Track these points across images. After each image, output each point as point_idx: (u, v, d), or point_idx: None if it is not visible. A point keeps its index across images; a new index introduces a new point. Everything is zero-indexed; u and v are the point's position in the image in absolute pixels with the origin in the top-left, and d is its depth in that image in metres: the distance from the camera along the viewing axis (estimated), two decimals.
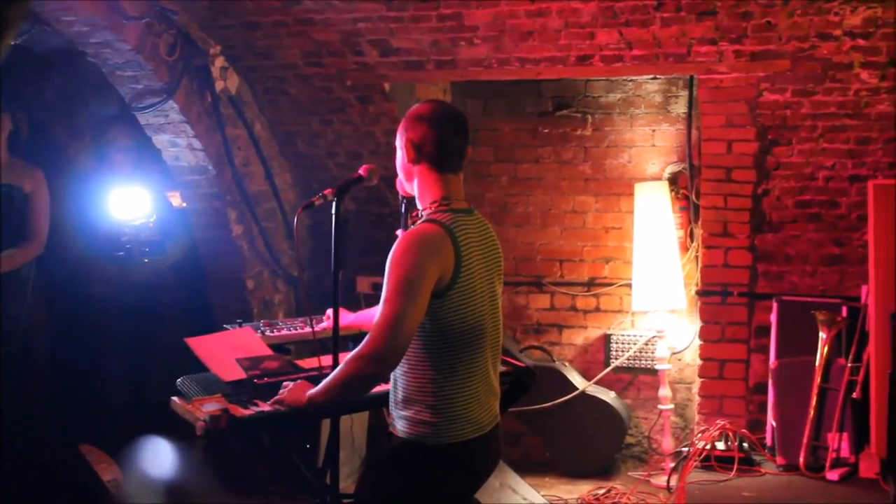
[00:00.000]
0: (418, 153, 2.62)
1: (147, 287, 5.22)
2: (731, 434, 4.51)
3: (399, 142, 2.68)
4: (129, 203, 5.12)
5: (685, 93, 5.36)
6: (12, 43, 1.48)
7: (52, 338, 5.01)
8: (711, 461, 4.42)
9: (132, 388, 5.21)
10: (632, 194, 5.38)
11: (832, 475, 4.25)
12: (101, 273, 5.16)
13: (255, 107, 5.25)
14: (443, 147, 2.61)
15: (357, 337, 3.03)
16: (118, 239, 5.15)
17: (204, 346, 3.29)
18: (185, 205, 5.16)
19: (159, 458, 4.44)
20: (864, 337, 4.44)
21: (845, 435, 4.36)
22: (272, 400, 2.80)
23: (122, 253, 5.16)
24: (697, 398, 5.06)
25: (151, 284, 5.25)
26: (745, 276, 4.93)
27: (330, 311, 3.39)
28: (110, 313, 5.17)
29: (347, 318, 3.31)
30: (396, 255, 2.48)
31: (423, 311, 2.46)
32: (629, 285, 5.36)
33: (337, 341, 2.85)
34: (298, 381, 2.75)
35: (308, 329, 3.67)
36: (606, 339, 5.56)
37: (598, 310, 5.60)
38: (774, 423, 4.57)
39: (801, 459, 4.36)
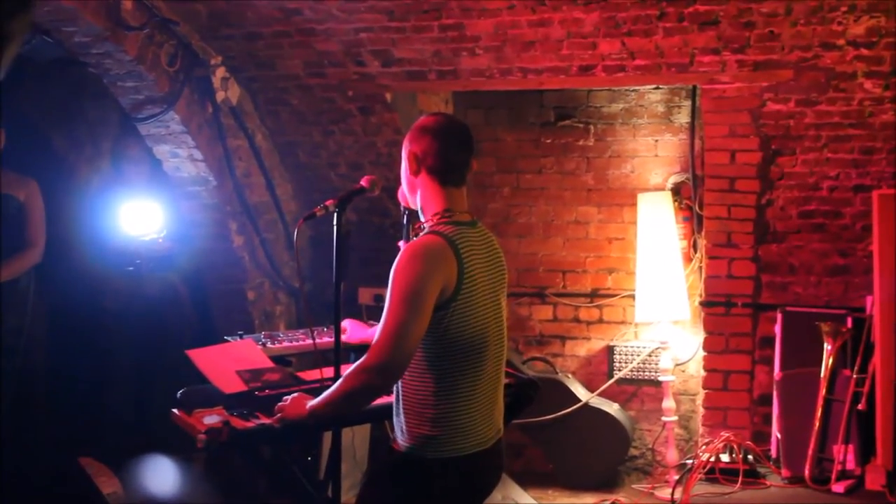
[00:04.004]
0: (421, 165, 2.61)
1: (156, 300, 5.20)
2: (735, 446, 4.49)
3: (403, 153, 2.67)
4: (140, 217, 5.10)
5: (688, 103, 5.34)
6: (16, 54, 1.46)
7: (55, 349, 4.98)
8: (716, 473, 4.40)
9: (136, 400, 5.19)
10: (635, 205, 5.36)
11: (838, 487, 4.22)
12: (111, 286, 5.14)
13: (257, 117, 5.24)
14: (445, 159, 2.60)
15: (361, 349, 3.00)
16: (129, 253, 5.13)
17: (205, 358, 3.27)
18: None
19: (159, 471, 4.41)
20: (870, 348, 4.41)
21: (851, 447, 4.33)
22: (275, 417, 2.77)
23: (131, 268, 5.15)
24: (701, 410, 5.03)
25: (160, 298, 5.23)
26: (749, 287, 4.90)
27: (346, 323, 3.38)
28: (118, 326, 5.16)
29: (366, 332, 3.30)
30: (399, 267, 2.47)
31: (426, 322, 2.44)
32: (632, 296, 5.33)
33: (338, 353, 2.84)
34: (297, 393, 2.73)
35: (309, 341, 3.66)
36: (610, 350, 5.53)
37: (601, 321, 5.58)
38: (779, 435, 4.54)
39: (807, 472, 4.33)
